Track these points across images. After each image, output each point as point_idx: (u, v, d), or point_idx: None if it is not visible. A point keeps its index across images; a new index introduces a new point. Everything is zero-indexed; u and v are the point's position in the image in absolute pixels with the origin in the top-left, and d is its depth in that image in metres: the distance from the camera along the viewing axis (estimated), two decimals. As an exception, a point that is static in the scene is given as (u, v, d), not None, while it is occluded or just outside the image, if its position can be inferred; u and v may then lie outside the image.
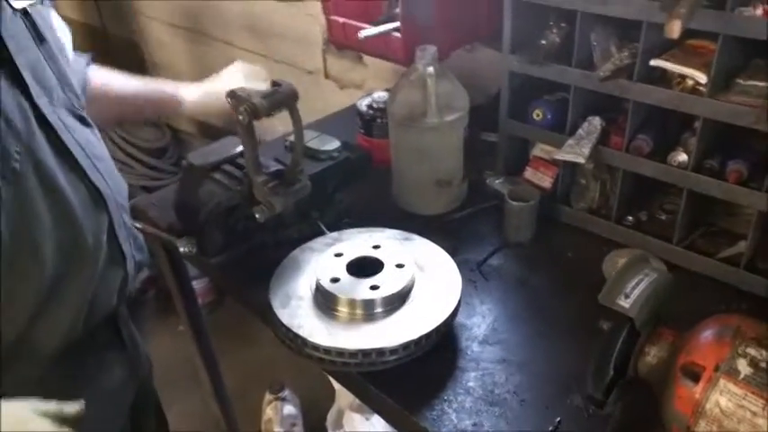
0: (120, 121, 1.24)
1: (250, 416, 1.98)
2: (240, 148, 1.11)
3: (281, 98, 0.94)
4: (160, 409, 1.34)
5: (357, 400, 1.61)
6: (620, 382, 0.72)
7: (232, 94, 0.95)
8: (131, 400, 1.12)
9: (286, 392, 1.84)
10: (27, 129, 0.83)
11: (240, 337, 2.40)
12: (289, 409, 1.82)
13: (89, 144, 0.96)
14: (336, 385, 1.71)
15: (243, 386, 2.04)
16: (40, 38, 0.90)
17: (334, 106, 1.75)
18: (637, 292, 0.70)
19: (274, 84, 0.97)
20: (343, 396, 1.71)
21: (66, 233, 0.89)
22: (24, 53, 0.85)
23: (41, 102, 0.86)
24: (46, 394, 0.90)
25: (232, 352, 2.21)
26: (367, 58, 1.88)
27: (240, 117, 0.92)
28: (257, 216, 1.01)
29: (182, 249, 1.08)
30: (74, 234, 0.90)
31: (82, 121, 0.98)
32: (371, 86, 1.92)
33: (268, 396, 1.85)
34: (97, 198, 0.94)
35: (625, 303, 0.69)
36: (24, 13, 0.87)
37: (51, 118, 0.88)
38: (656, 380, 0.70)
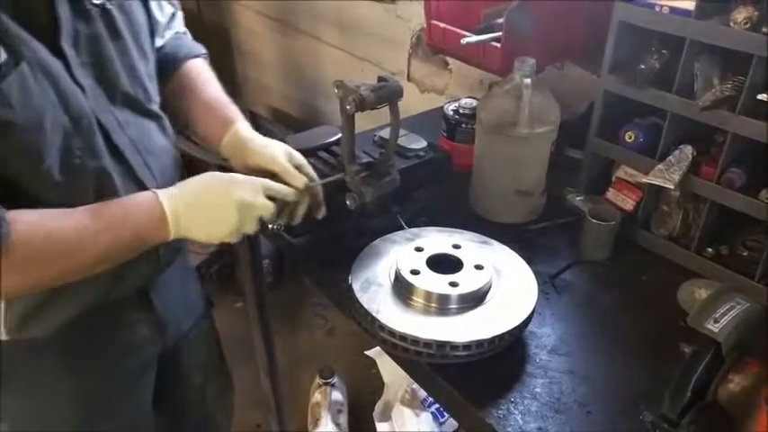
0: (181, 121, 1.14)
1: (295, 398, 2.03)
2: (335, 138, 1.16)
3: (387, 93, 0.99)
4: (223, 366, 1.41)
5: (408, 395, 1.64)
6: (696, 406, 0.73)
7: (340, 84, 1.00)
8: (158, 355, 1.16)
9: (335, 379, 1.89)
10: (89, 128, 0.88)
11: (291, 321, 2.47)
12: (336, 395, 1.87)
13: (144, 139, 0.97)
14: (386, 378, 1.75)
15: (289, 369, 2.10)
16: (115, 34, 0.91)
17: (412, 110, 1.79)
18: (727, 318, 0.71)
19: (380, 79, 1.02)
20: (392, 390, 1.74)
21: None
22: (88, 55, 0.87)
23: (95, 102, 0.88)
24: (66, 343, 0.99)
25: (282, 334, 2.28)
26: (453, 66, 1.92)
27: (348, 107, 0.97)
28: (348, 203, 1.06)
29: (270, 226, 1.13)
30: None
31: (146, 114, 0.99)
32: (453, 93, 1.95)
33: (318, 380, 1.90)
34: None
35: (714, 327, 0.70)
36: (103, 8, 0.89)
37: (104, 118, 0.90)
38: (737, 408, 0.70)
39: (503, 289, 0.99)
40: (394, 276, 1.00)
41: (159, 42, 1.10)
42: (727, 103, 1.02)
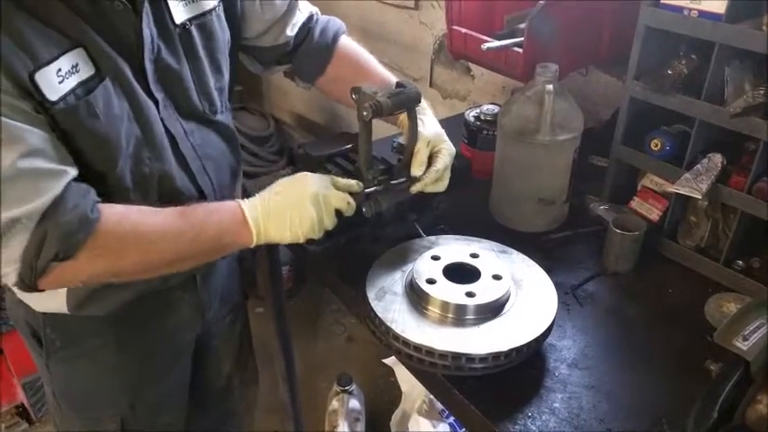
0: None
1: (311, 405, 2.02)
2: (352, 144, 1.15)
3: (405, 99, 0.97)
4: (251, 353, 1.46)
5: (426, 405, 1.62)
6: (723, 428, 0.70)
7: (357, 90, 0.98)
8: (195, 338, 1.21)
9: (353, 387, 1.88)
10: (160, 138, 0.94)
11: (310, 327, 2.47)
12: (354, 403, 1.85)
13: (204, 146, 1.04)
14: (404, 387, 1.72)
15: (307, 375, 2.09)
16: (191, 52, 0.97)
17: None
18: (757, 336, 0.67)
19: (399, 85, 1.00)
20: (410, 399, 1.72)
21: None
22: (164, 71, 0.94)
23: (166, 114, 0.96)
24: (117, 327, 1.06)
25: (300, 341, 2.27)
26: (475, 72, 1.90)
27: (364, 113, 0.95)
28: (364, 210, 1.05)
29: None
30: None
31: (208, 123, 1.05)
32: (475, 99, 1.93)
33: (336, 388, 1.89)
34: (200, 197, 1.03)
35: (742, 345, 0.67)
36: (183, 28, 0.95)
37: (172, 128, 0.97)
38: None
39: (522, 300, 0.97)
40: (409, 285, 0.99)
41: (290, 32, 1.15)
42: (759, 110, 0.98)
